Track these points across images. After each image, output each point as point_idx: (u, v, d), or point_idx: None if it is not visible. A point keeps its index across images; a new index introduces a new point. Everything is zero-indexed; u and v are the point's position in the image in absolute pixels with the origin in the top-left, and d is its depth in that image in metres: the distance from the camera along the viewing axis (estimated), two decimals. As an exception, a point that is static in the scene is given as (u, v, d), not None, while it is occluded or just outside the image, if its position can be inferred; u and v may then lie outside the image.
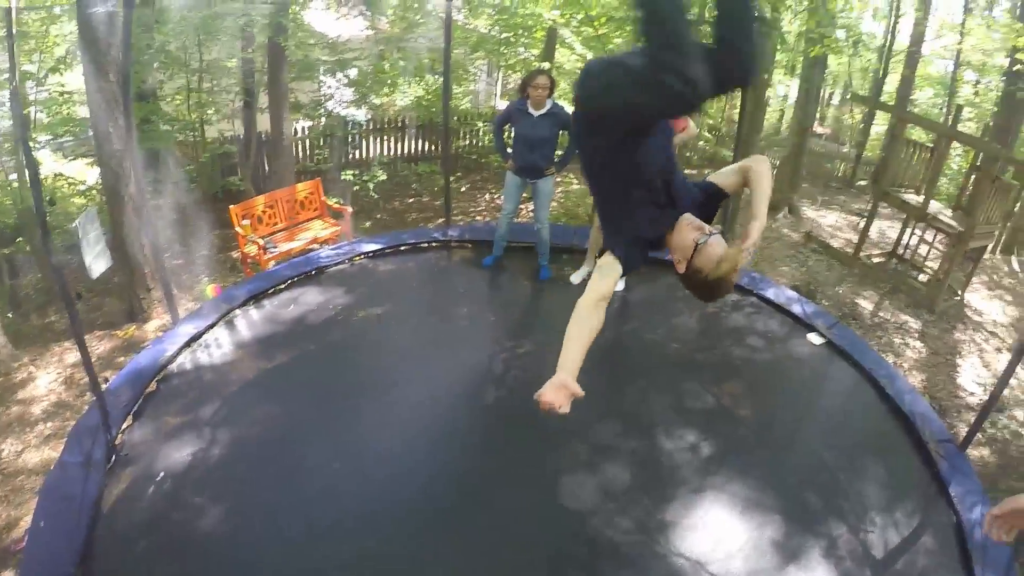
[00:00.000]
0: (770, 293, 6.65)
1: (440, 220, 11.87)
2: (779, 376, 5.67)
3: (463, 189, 13.75)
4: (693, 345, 5.95)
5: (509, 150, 6.53)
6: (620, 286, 6.54)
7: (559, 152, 6.66)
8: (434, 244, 7.41)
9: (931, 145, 10.77)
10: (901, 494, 4.48)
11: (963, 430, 6.22)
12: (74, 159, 13.18)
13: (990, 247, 10.54)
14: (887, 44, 17.27)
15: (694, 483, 4.36)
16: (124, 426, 4.69)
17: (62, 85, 11.36)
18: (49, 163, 12.17)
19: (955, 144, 11.45)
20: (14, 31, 4.05)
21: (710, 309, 6.43)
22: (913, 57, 16.41)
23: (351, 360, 5.46)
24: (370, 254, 7.10)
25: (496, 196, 13.53)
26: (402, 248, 7.27)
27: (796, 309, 6.41)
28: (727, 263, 2.69)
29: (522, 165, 6.42)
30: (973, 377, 8.31)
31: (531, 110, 6.23)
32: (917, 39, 16.39)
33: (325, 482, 4.24)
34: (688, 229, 2.83)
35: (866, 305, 9.77)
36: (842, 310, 9.32)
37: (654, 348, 5.82)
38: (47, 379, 7.92)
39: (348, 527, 3.96)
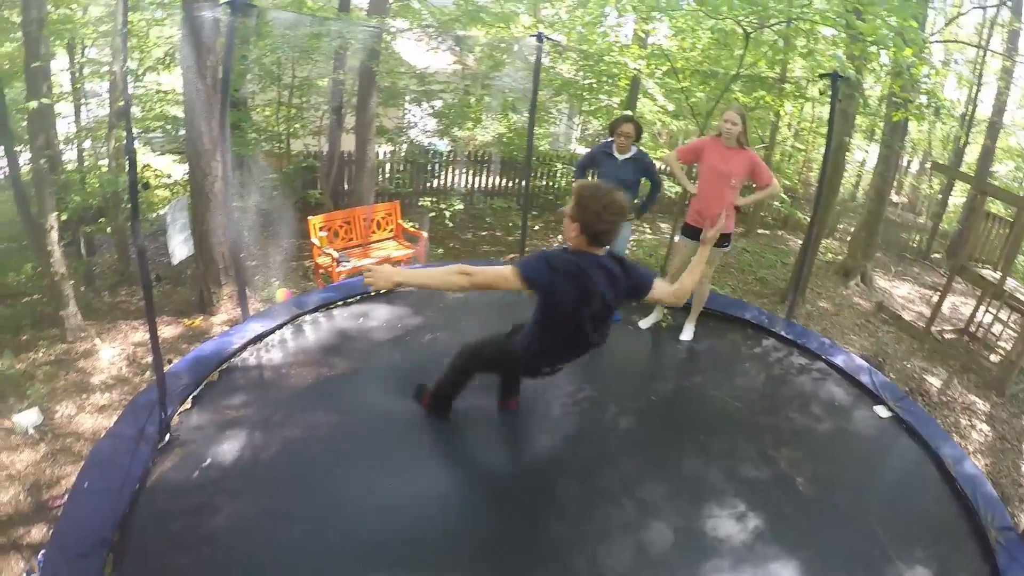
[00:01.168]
0: (839, 360, 6.44)
1: (512, 256, 11.97)
2: (841, 446, 5.44)
3: (536, 228, 13.84)
4: (755, 406, 5.74)
5: None
6: (688, 336, 6.49)
7: (638, 200, 6.63)
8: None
9: (1011, 220, 10.30)
10: None
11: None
12: (161, 154, 13.66)
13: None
14: (969, 113, 16.68)
15: (742, 550, 4.16)
16: (181, 409, 4.74)
17: (158, 84, 11.86)
18: (140, 157, 12.58)
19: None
20: (124, 26, 4.20)
21: (776, 371, 6.31)
22: (994, 128, 15.91)
23: (411, 381, 5.33)
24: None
25: (571, 238, 13.52)
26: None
27: (864, 379, 6.17)
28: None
29: None
30: None
31: (616, 153, 6.25)
32: (999, 109, 15.94)
33: (372, 499, 4.18)
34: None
35: (934, 382, 9.47)
36: (909, 385, 9.06)
37: (715, 405, 5.63)
38: (110, 353, 8.18)
39: (389, 545, 3.88)
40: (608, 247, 3.64)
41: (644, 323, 6.66)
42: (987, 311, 10.25)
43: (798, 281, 7.32)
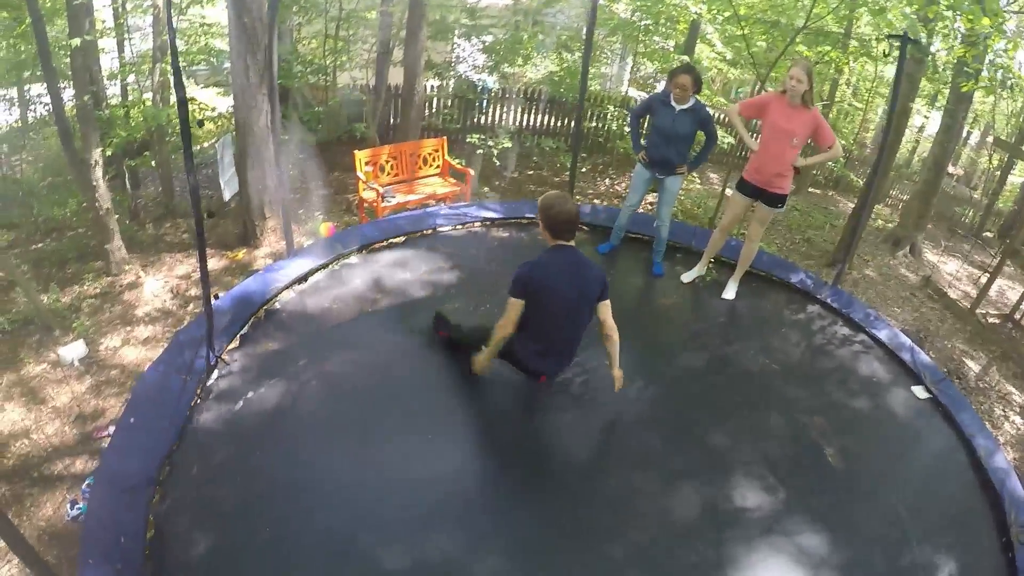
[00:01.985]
0: (882, 334, 6.22)
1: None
2: (874, 422, 5.29)
3: (583, 170, 13.52)
4: (792, 372, 5.60)
5: (643, 142, 6.32)
6: (730, 294, 6.33)
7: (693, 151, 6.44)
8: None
9: None
10: (969, 573, 4.14)
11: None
12: (205, 87, 13.55)
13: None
14: None
15: (763, 519, 4.12)
16: (228, 346, 4.67)
17: (203, 17, 11.67)
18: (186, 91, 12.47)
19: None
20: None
21: (817, 339, 6.12)
22: None
23: (456, 320, 5.22)
24: (488, 221, 6.92)
25: (616, 182, 13.34)
26: (521, 220, 7.05)
27: (906, 356, 5.96)
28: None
29: (655, 158, 6.18)
30: None
31: (673, 103, 5.98)
32: None
33: (411, 441, 4.15)
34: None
35: (973, 366, 9.22)
36: (947, 366, 8.78)
37: (751, 368, 5.51)
38: (154, 286, 8.21)
39: (427, 485, 3.87)
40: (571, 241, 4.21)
41: (686, 276, 6.51)
42: None
43: (849, 248, 7.02)
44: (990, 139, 19.57)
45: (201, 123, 11.12)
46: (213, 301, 4.73)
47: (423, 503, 3.74)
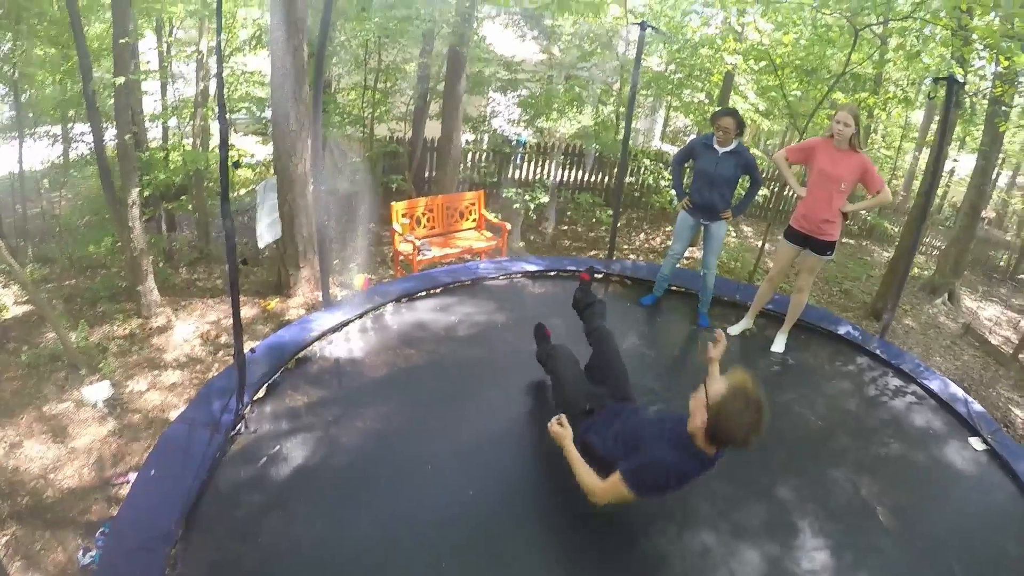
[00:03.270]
0: (934, 385, 6.04)
1: (594, 252, 11.67)
2: (929, 476, 5.07)
3: (620, 224, 13.38)
4: (843, 426, 5.43)
5: (685, 189, 6.29)
6: (779, 348, 6.18)
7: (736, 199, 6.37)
8: (595, 276, 7.04)
9: None
10: None
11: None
12: (245, 135, 13.70)
13: None
14: None
15: (813, 572, 3.94)
16: (256, 397, 4.55)
17: (244, 64, 11.87)
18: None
19: None
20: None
21: (868, 392, 5.93)
22: None
23: (492, 379, 5.16)
24: (528, 274, 6.84)
25: (651, 236, 13.24)
26: (562, 273, 6.99)
27: (960, 408, 5.76)
28: (742, 379, 3.20)
29: (698, 203, 6.11)
30: None
31: (716, 146, 5.92)
32: None
33: (445, 503, 3.97)
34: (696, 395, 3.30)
35: (1020, 413, 9.02)
36: (994, 414, 8.51)
37: (802, 422, 5.36)
38: (185, 330, 8.12)
39: (460, 551, 3.68)
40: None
41: (733, 329, 6.35)
42: None
43: (896, 298, 6.80)
44: (1021, 179, 19.36)
45: (237, 164, 11.11)
46: (247, 354, 4.61)
47: (455, 568, 3.56)
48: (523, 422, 4.72)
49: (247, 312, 8.38)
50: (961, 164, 18.61)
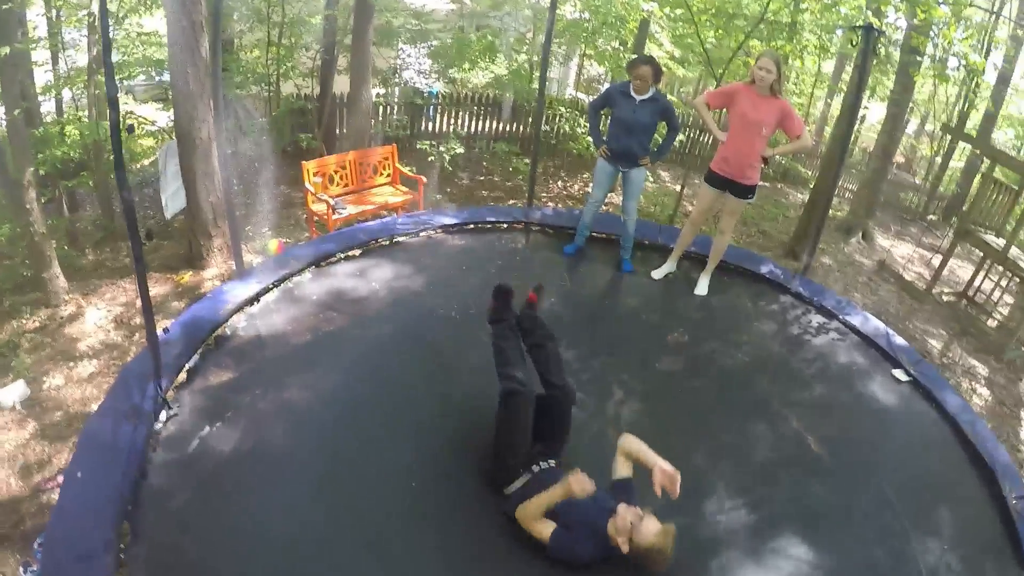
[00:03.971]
0: (856, 320, 6.30)
1: (512, 201, 11.57)
2: (855, 408, 5.31)
3: (536, 173, 13.28)
4: (769, 364, 5.62)
5: (603, 136, 6.28)
6: (702, 290, 6.34)
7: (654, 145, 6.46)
8: (515, 225, 7.04)
9: (1016, 187, 10.44)
10: (971, 547, 4.19)
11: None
12: (145, 101, 13.08)
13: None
14: (974, 79, 16.46)
15: (748, 510, 4.11)
16: (177, 380, 4.34)
17: (140, 26, 11.29)
18: (121, 104, 12.00)
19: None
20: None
21: (793, 330, 6.15)
22: (999, 95, 15.73)
23: (416, 338, 5.09)
24: (448, 228, 6.73)
25: (568, 184, 13.19)
26: (482, 225, 6.91)
27: (882, 341, 6.05)
28: (665, 539, 3.31)
29: (617, 151, 6.13)
30: None
31: (633, 94, 5.90)
32: (1004, 77, 15.72)
33: (382, 464, 3.96)
34: (625, 514, 3.37)
35: (935, 344, 9.52)
36: (912, 345, 8.88)
37: (728, 362, 5.52)
38: (96, 316, 7.72)
39: (400, 505, 3.72)
40: None
41: (656, 273, 6.50)
42: (987, 276, 10.38)
43: (816, 237, 6.98)
44: (928, 127, 20.24)
45: (131, 129, 10.58)
46: (160, 334, 4.39)
47: (397, 538, 3.53)
48: (450, 382, 4.69)
49: (160, 289, 8.03)
50: (871, 112, 19.20)
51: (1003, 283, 10.19)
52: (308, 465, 3.87)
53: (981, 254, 10.45)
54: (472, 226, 6.86)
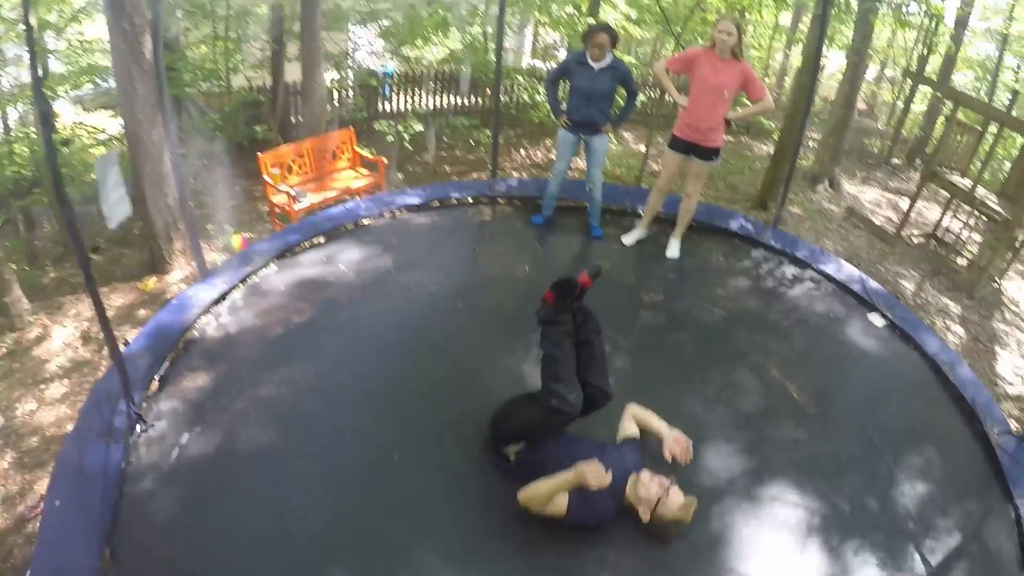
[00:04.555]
0: (830, 268, 6.33)
1: (476, 174, 11.45)
2: (834, 354, 5.37)
3: (498, 143, 13.15)
4: (748, 318, 5.64)
5: (563, 106, 6.21)
6: (674, 252, 6.32)
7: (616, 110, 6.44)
8: (481, 200, 6.93)
9: (979, 128, 10.56)
10: (957, 485, 4.26)
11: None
12: (93, 110, 12.78)
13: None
14: (932, 23, 16.37)
15: (735, 456, 4.15)
16: (148, 392, 4.20)
17: (81, 34, 11.03)
18: (70, 115, 11.76)
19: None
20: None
21: (768, 283, 6.16)
22: (958, 38, 15.82)
23: (391, 321, 5.01)
24: (412, 207, 6.61)
25: (532, 151, 13.11)
26: (447, 202, 6.81)
27: (856, 287, 6.08)
28: (688, 510, 3.33)
29: (577, 120, 6.09)
30: (1012, 367, 8.25)
31: (591, 62, 5.85)
32: (963, 20, 15.80)
33: (369, 452, 3.91)
34: (650, 484, 3.36)
35: (908, 286, 9.66)
36: (884, 288, 9.03)
37: (707, 319, 5.53)
38: (63, 334, 7.53)
39: (395, 497, 3.65)
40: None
41: (627, 239, 6.48)
42: (955, 216, 10.54)
43: (786, 187, 7.00)
44: (888, 72, 20.56)
45: (65, 142, 10.34)
46: (123, 348, 4.24)
47: (392, 530, 3.48)
48: (430, 360, 4.63)
49: (126, 298, 7.87)
50: (829, 61, 19.27)
51: (971, 222, 10.37)
52: (292, 460, 3.80)
53: (947, 195, 10.56)
54: (437, 203, 6.75)
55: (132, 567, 3.18)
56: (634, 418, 3.86)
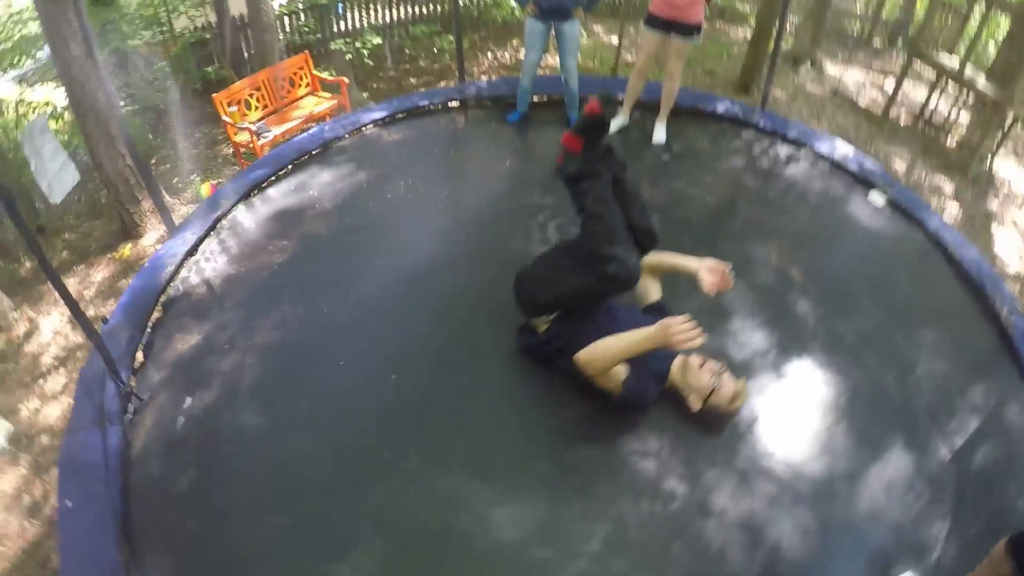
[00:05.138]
0: (824, 147, 6.07)
1: (444, 82, 11.05)
2: (837, 234, 5.24)
3: (463, 48, 12.64)
4: (743, 201, 5.51)
5: None
6: (660, 138, 6.04)
7: None
8: (451, 105, 6.59)
9: (964, 9, 10.29)
10: (969, 365, 4.18)
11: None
12: (41, 84, 12.23)
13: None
14: None
15: (741, 342, 4.03)
16: (136, 365, 4.02)
17: (9, 6, 10.50)
18: (14, 94, 11.26)
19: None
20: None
21: (762, 165, 5.95)
22: None
23: (372, 239, 4.83)
24: (380, 122, 6.26)
25: (499, 53, 12.55)
26: (416, 111, 6.45)
27: (853, 166, 5.86)
28: (740, 398, 3.19)
29: (546, 7, 5.75)
30: (1007, 246, 8.18)
31: None
32: None
33: (365, 385, 3.77)
34: (701, 371, 3.13)
35: (899, 165, 9.50)
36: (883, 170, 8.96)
37: (701, 205, 5.36)
38: (50, 323, 7.23)
39: (394, 427, 3.55)
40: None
41: (611, 126, 6.04)
42: (942, 95, 10.31)
43: (772, 68, 6.67)
44: None
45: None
46: (102, 326, 4.08)
47: (400, 463, 3.39)
48: (419, 275, 4.47)
49: (104, 272, 7.59)
50: None
51: (960, 102, 10.28)
52: (301, 404, 3.68)
53: (934, 76, 10.34)
54: (404, 115, 6.40)
55: (154, 547, 3.10)
56: (652, 270, 3.55)
